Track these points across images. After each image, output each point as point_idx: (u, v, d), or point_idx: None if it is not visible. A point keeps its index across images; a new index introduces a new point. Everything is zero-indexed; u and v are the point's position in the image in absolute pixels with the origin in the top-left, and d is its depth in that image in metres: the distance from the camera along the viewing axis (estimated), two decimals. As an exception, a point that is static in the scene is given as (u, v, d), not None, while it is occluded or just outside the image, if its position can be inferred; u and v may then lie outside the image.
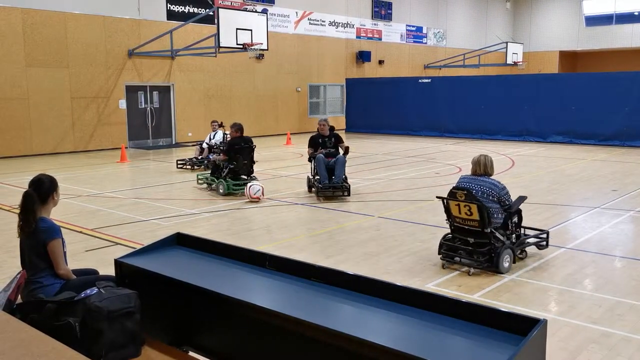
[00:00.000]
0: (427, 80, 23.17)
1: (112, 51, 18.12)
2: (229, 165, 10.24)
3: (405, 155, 16.24)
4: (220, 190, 10.18)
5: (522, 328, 2.15)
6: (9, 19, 15.92)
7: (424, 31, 30.71)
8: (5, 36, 15.89)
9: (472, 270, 5.88)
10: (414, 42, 30.11)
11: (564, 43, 35.69)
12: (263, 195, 9.74)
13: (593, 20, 34.50)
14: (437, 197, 6.23)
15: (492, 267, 5.82)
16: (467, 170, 6.63)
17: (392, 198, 10.04)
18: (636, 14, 32.93)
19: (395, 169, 13.47)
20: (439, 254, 6.22)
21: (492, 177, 6.07)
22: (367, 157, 15.81)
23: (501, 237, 5.94)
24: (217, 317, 2.93)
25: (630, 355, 4.11)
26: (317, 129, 10.53)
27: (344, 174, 10.03)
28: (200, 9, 20.13)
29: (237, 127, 10.38)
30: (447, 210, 6.08)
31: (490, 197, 5.89)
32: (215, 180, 10.44)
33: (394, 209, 9.09)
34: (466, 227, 5.96)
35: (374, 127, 24.05)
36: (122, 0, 18.23)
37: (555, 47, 35.99)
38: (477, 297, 5.22)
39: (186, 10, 19.86)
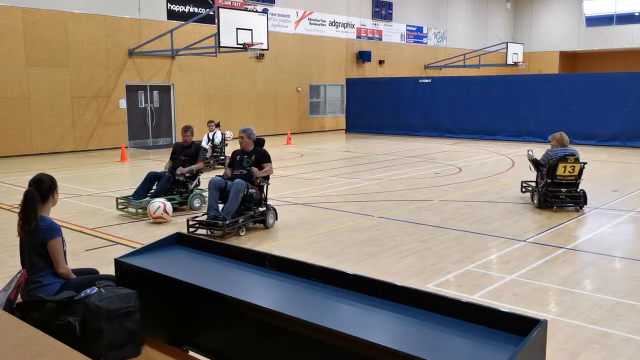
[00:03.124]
0: (427, 81, 23.16)
1: (113, 51, 18.12)
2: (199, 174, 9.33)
3: (405, 156, 16.23)
4: (196, 205, 9.01)
5: (522, 328, 2.15)
6: (9, 18, 15.92)
7: (424, 31, 30.71)
8: (6, 35, 15.89)
9: (577, 207, 8.72)
10: (414, 42, 30.10)
11: (564, 43, 35.69)
12: (166, 212, 8.14)
13: (593, 21, 34.50)
14: (550, 161, 8.61)
15: (583, 205, 8.72)
16: (470, 171, 6.62)
17: (392, 198, 10.04)
18: (636, 14, 32.93)
19: (396, 169, 13.47)
20: (537, 201, 8.89)
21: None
22: (367, 157, 15.81)
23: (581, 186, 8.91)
24: (217, 316, 2.93)
25: (630, 355, 4.11)
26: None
27: (237, 206, 7.36)
28: (200, 8, 20.13)
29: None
30: (552, 171, 8.60)
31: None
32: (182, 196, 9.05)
33: (394, 209, 9.08)
34: (563, 182, 8.67)
35: (374, 127, 24.04)
36: (122, 0, 18.24)
37: (555, 47, 35.99)
38: (477, 297, 5.22)
39: (186, 10, 19.86)
